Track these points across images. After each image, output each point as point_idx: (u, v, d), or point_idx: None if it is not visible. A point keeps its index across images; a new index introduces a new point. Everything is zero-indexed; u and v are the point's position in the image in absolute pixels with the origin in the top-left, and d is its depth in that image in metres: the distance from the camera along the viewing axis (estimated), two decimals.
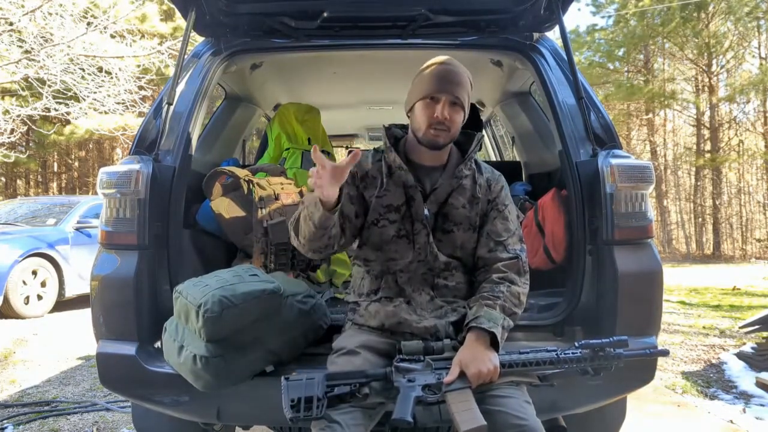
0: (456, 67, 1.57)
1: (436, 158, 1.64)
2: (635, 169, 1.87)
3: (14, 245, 6.46)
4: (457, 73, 1.56)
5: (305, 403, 1.33)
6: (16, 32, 8.39)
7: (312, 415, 1.32)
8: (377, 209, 1.61)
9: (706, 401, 3.40)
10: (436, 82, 1.54)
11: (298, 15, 2.24)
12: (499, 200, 1.66)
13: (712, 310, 6.54)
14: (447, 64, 1.57)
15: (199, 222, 2.42)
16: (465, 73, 1.59)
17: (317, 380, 1.37)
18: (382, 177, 1.63)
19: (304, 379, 1.37)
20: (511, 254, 1.60)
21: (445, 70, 1.56)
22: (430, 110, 1.54)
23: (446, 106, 1.53)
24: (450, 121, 1.54)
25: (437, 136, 1.55)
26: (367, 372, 1.41)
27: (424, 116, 1.55)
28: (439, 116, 1.52)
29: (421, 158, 1.64)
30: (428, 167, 1.64)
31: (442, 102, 1.53)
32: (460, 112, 1.57)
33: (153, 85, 10.83)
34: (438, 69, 1.56)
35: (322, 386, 1.37)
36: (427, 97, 1.55)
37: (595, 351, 1.42)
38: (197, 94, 2.11)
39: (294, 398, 1.34)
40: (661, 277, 1.87)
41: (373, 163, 1.66)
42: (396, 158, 1.61)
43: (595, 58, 18.66)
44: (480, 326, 1.43)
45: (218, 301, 1.55)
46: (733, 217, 18.48)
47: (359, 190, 1.64)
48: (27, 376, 4.09)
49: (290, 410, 1.33)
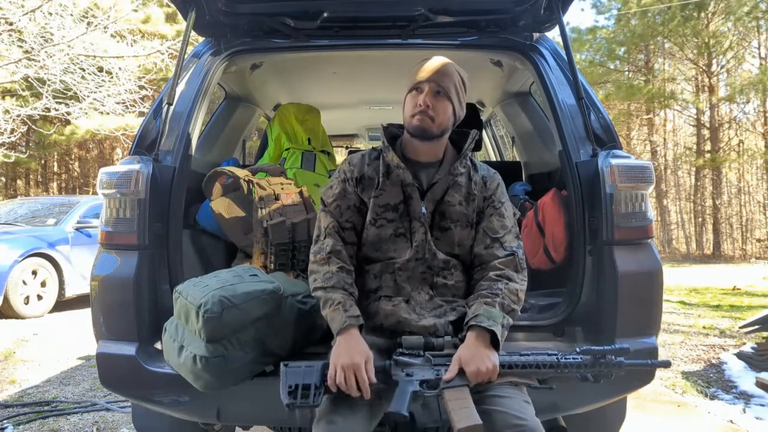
0: (443, 59, 1.60)
1: (431, 153, 1.65)
2: (635, 169, 1.86)
3: (14, 245, 6.46)
4: (442, 63, 1.59)
5: (302, 390, 1.34)
6: (16, 32, 8.39)
7: (309, 402, 1.32)
8: (375, 209, 1.62)
9: (706, 401, 3.40)
10: (422, 72, 1.58)
11: (298, 15, 2.24)
12: (495, 197, 1.67)
13: (712, 310, 6.54)
14: (435, 57, 1.61)
15: (199, 222, 2.42)
16: (454, 66, 1.60)
17: (316, 368, 1.38)
18: (378, 177, 1.63)
19: (303, 367, 1.38)
20: (508, 251, 1.60)
21: (435, 62, 1.59)
22: (414, 100, 1.58)
23: (429, 95, 1.56)
24: (433, 110, 1.55)
25: (421, 121, 1.56)
26: None
27: (409, 106, 1.60)
28: (420, 104, 1.55)
29: (416, 154, 1.65)
30: (424, 163, 1.65)
31: (425, 90, 1.56)
32: (445, 102, 1.58)
33: (153, 85, 10.83)
34: (427, 62, 1.60)
35: (320, 374, 1.38)
36: (413, 88, 1.59)
37: (596, 357, 1.42)
38: (197, 94, 2.11)
39: (292, 385, 1.35)
40: (661, 277, 1.86)
41: (369, 164, 1.67)
42: (394, 157, 1.62)
43: (596, 58, 18.66)
44: (480, 324, 1.43)
45: (218, 301, 1.55)
46: (733, 217, 18.49)
47: (358, 194, 1.64)
48: (27, 376, 4.09)
49: (287, 396, 1.34)
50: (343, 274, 1.54)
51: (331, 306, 1.48)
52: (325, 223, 1.64)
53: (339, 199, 1.64)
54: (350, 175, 1.65)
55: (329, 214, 1.64)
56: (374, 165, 1.66)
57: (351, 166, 1.68)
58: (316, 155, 3.14)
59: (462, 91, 1.62)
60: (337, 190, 1.66)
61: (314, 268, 1.58)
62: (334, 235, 1.61)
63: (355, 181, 1.65)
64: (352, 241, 1.63)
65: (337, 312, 1.46)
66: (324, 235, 1.62)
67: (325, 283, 1.53)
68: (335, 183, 1.68)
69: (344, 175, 1.67)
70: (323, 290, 1.52)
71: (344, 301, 1.48)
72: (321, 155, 3.17)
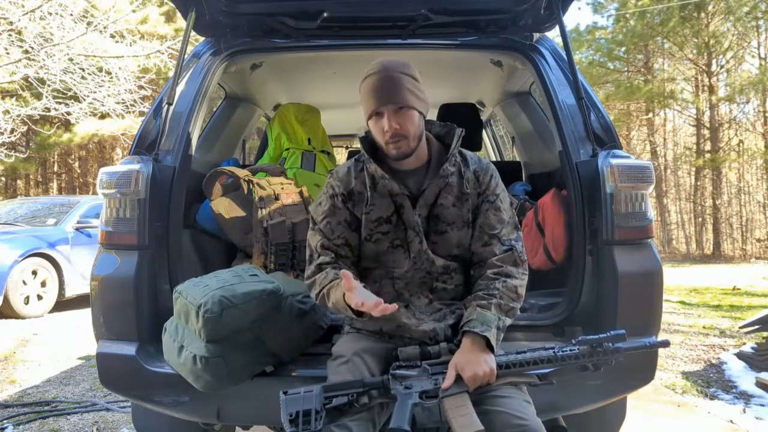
0: (389, 70, 1.50)
1: (415, 160, 1.59)
2: (635, 169, 1.86)
3: (14, 245, 6.46)
4: (391, 77, 1.49)
5: (304, 416, 1.33)
6: (16, 32, 8.39)
7: (311, 428, 1.31)
8: (368, 225, 1.58)
9: (706, 401, 3.40)
10: (374, 97, 1.50)
11: (298, 15, 2.24)
12: (489, 191, 1.62)
13: (712, 310, 6.54)
14: (380, 72, 1.50)
15: (199, 222, 2.42)
16: (404, 72, 1.51)
17: (315, 393, 1.36)
18: (366, 191, 1.59)
19: (302, 392, 1.37)
20: (506, 246, 1.57)
21: (379, 80, 1.50)
22: (379, 126, 1.51)
23: (392, 117, 1.49)
24: (402, 129, 1.49)
25: (398, 148, 1.51)
26: (365, 381, 1.39)
27: (377, 133, 1.53)
28: (388, 129, 1.49)
29: (400, 164, 1.59)
30: (410, 170, 1.60)
31: (386, 115, 1.49)
32: (411, 114, 1.50)
33: (153, 85, 10.82)
34: (372, 82, 1.51)
35: (319, 399, 1.36)
36: (372, 114, 1.53)
37: (592, 347, 1.41)
38: (197, 94, 2.11)
39: (292, 412, 1.33)
40: (661, 277, 1.86)
41: (356, 177, 1.62)
42: (377, 169, 1.57)
43: (596, 57, 18.67)
44: (472, 330, 1.42)
45: (218, 301, 1.55)
46: (733, 217, 18.47)
47: (349, 209, 1.61)
48: (27, 376, 4.09)
49: (289, 425, 1.32)
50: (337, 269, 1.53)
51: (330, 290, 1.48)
52: (314, 242, 1.60)
53: (329, 215, 1.60)
54: (338, 190, 1.61)
55: (319, 233, 1.60)
56: (361, 178, 1.61)
57: (338, 181, 1.62)
58: (316, 155, 3.14)
59: (418, 89, 1.53)
60: (326, 206, 1.61)
61: (311, 282, 1.57)
62: (327, 252, 1.58)
63: (345, 196, 1.60)
64: (346, 254, 1.60)
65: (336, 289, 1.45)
66: (317, 255, 1.58)
67: (323, 284, 1.52)
68: (324, 199, 1.63)
69: (332, 191, 1.62)
70: (324, 287, 1.51)
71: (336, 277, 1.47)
72: (321, 155, 3.17)
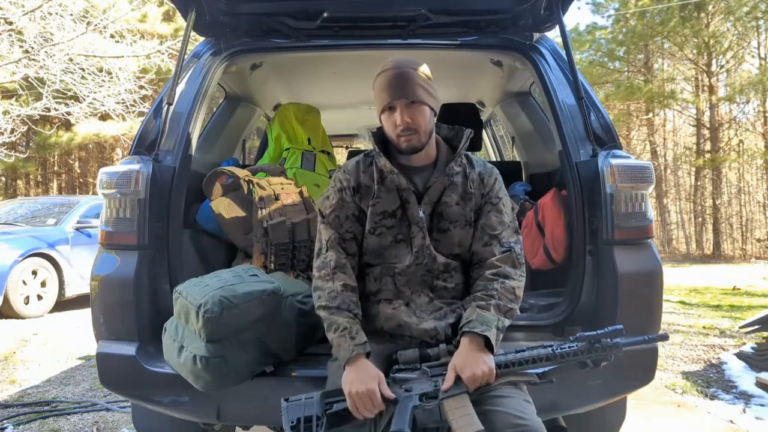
0: (402, 67, 1.56)
1: (424, 157, 1.63)
2: (635, 169, 1.87)
3: (14, 245, 6.46)
4: (404, 74, 1.54)
5: (305, 423, 1.33)
6: (16, 32, 8.39)
7: None
8: (373, 218, 1.60)
9: (706, 401, 3.40)
10: (387, 92, 1.55)
11: (298, 15, 2.24)
12: (493, 193, 1.65)
13: (712, 310, 6.54)
14: (393, 69, 1.56)
15: (199, 222, 2.42)
16: (416, 69, 1.56)
17: (315, 399, 1.37)
18: (374, 184, 1.62)
19: (302, 399, 1.37)
20: (505, 247, 1.58)
21: (392, 75, 1.55)
22: (391, 120, 1.56)
23: (404, 112, 1.53)
24: (414, 123, 1.53)
25: (409, 141, 1.55)
26: None
27: (389, 127, 1.58)
28: (400, 123, 1.53)
29: (409, 159, 1.63)
30: (418, 167, 1.64)
31: (399, 109, 1.54)
32: (422, 108, 1.55)
33: (153, 85, 10.82)
34: (386, 78, 1.56)
35: (320, 405, 1.36)
36: (385, 108, 1.57)
37: (591, 343, 1.41)
38: (197, 94, 2.11)
39: (293, 419, 1.34)
40: (661, 277, 1.86)
41: (364, 171, 1.65)
42: (387, 163, 1.60)
43: (596, 57, 18.66)
44: (472, 330, 1.42)
45: (218, 301, 1.55)
46: (733, 217, 18.46)
47: (356, 203, 1.63)
48: (27, 376, 4.09)
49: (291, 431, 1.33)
50: (347, 293, 1.52)
51: (336, 331, 1.46)
52: (326, 235, 1.62)
53: (337, 209, 1.62)
54: (347, 184, 1.63)
55: (329, 226, 1.62)
56: (369, 172, 1.64)
57: (347, 175, 1.65)
58: (316, 155, 3.14)
59: (430, 86, 1.58)
60: (334, 200, 1.63)
61: (318, 284, 1.56)
62: (337, 247, 1.59)
63: (353, 190, 1.63)
64: (353, 252, 1.61)
65: (343, 339, 1.44)
66: (326, 248, 1.59)
67: (329, 303, 1.50)
68: (332, 193, 1.66)
69: (340, 184, 1.64)
70: (327, 310, 1.50)
71: (350, 326, 1.46)
72: (321, 155, 3.17)
